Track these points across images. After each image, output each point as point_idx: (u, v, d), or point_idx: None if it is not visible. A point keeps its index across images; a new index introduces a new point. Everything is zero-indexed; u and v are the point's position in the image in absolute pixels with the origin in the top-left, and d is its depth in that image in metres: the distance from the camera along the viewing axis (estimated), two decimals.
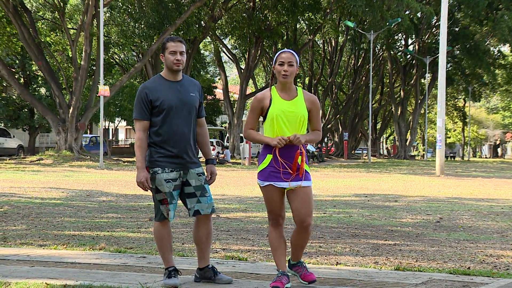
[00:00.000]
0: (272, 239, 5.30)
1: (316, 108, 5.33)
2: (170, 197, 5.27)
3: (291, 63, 5.17)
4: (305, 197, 5.19)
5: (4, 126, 44.54)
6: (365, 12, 38.93)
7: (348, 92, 62.80)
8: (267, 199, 5.28)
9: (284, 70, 5.18)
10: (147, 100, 5.27)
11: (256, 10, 43.78)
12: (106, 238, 8.05)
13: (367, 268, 6.14)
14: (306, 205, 5.19)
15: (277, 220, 5.28)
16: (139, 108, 5.31)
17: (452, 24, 53.79)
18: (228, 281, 5.34)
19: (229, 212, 11.53)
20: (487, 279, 5.65)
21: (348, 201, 14.24)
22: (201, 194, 5.36)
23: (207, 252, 5.47)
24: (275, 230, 5.29)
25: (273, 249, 5.31)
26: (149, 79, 5.51)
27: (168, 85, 5.35)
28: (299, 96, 5.30)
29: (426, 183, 22.15)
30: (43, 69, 35.73)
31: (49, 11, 39.52)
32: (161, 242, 5.36)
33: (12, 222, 9.54)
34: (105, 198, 14.08)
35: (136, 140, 5.34)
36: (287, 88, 5.28)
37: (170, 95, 5.30)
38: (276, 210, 5.26)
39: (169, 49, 5.30)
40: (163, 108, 5.26)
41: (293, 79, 5.32)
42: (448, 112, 74.30)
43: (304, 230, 5.25)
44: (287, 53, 5.22)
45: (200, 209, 5.35)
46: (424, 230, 9.37)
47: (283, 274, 5.21)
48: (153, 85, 5.34)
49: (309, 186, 5.25)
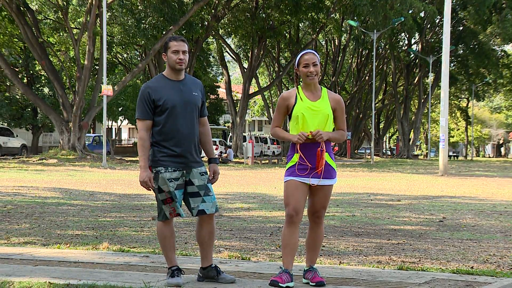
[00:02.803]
0: (284, 236, 5.29)
1: (341, 108, 5.37)
2: (173, 196, 5.28)
3: (315, 63, 5.24)
4: (323, 193, 5.27)
5: (7, 125, 44.60)
6: (368, 12, 38.90)
7: (351, 91, 62.78)
8: (286, 194, 5.28)
9: (310, 71, 5.24)
10: (149, 100, 5.27)
11: (259, 9, 43.77)
12: (109, 237, 8.05)
13: (370, 268, 6.14)
14: (322, 201, 5.28)
15: (292, 216, 5.22)
16: (141, 107, 5.29)
17: (456, 23, 53.77)
18: (231, 280, 5.34)
19: (232, 211, 11.53)
20: (491, 278, 5.64)
21: (351, 201, 14.23)
22: (205, 193, 5.36)
23: (210, 251, 5.46)
24: (288, 227, 5.26)
25: (283, 246, 5.30)
26: (153, 79, 5.49)
27: (171, 85, 5.34)
28: (324, 95, 5.35)
29: (429, 183, 22.12)
30: (47, 69, 35.77)
31: (52, 10, 39.55)
32: (164, 241, 5.36)
33: (15, 222, 9.55)
34: (108, 198, 14.08)
35: (138, 140, 5.33)
36: (312, 88, 5.34)
37: (173, 95, 5.30)
38: (293, 204, 5.20)
39: (171, 48, 5.30)
40: (166, 108, 5.26)
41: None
42: (450, 111, 74.20)
43: (317, 224, 5.32)
44: (309, 54, 5.28)
45: (205, 208, 5.35)
46: (427, 230, 9.36)
47: (285, 271, 5.20)
48: (155, 85, 5.33)
49: (331, 185, 5.29)
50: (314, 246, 5.40)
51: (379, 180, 23.27)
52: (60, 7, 36.39)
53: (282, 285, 5.08)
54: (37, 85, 45.12)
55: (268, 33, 43.78)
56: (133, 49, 47.55)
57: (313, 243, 5.39)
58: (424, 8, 43.68)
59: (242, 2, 43.66)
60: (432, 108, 69.90)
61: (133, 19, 37.00)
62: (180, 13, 35.87)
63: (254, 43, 44.67)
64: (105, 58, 30.81)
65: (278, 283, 5.08)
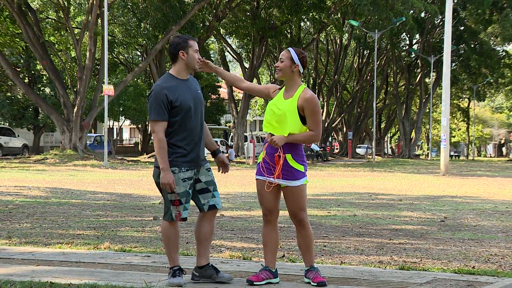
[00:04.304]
0: (262, 235, 5.46)
1: (310, 107, 5.27)
2: (186, 196, 5.26)
3: (282, 59, 5.34)
4: (291, 195, 5.31)
5: (8, 125, 44.62)
6: (370, 12, 38.87)
7: (353, 91, 62.73)
8: (257, 193, 5.44)
9: (275, 66, 5.42)
10: (167, 101, 5.20)
11: (260, 9, 43.76)
12: (111, 237, 8.05)
13: (371, 267, 6.14)
14: (294, 202, 5.31)
15: (266, 215, 5.39)
16: (158, 108, 5.20)
17: (457, 23, 53.71)
18: (229, 279, 5.33)
19: (234, 211, 11.53)
20: (492, 278, 5.64)
21: (352, 200, 14.24)
22: (213, 188, 5.43)
23: (208, 249, 5.47)
24: (265, 227, 5.43)
25: (263, 244, 5.46)
26: (160, 78, 5.44)
27: (182, 84, 5.34)
28: (296, 94, 5.34)
29: (430, 182, 22.12)
30: (48, 69, 35.77)
31: (53, 10, 39.56)
32: (168, 241, 5.35)
33: (17, 221, 9.56)
34: (110, 198, 14.09)
35: (158, 142, 5.20)
36: (288, 86, 5.40)
37: (186, 95, 5.30)
38: (265, 204, 5.37)
39: (193, 47, 5.33)
40: (182, 109, 5.24)
41: (297, 77, 5.36)
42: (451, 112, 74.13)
43: (299, 226, 5.37)
44: (284, 50, 5.42)
45: (215, 203, 5.42)
46: (428, 229, 9.35)
47: (265, 268, 5.33)
48: (170, 85, 5.28)
49: (295, 186, 5.28)
50: (305, 247, 5.44)
51: (381, 180, 23.26)
52: (61, 7, 36.41)
53: (257, 283, 5.21)
54: (38, 85, 45.14)
55: (269, 32, 43.75)
56: (134, 49, 47.53)
57: (303, 244, 5.44)
58: (425, 8, 43.63)
59: (243, 1, 43.64)
60: (433, 108, 69.80)
61: (134, 18, 37.00)
62: (181, 13, 35.87)
63: (255, 42, 44.64)
64: (106, 58, 30.81)
65: (253, 282, 5.22)
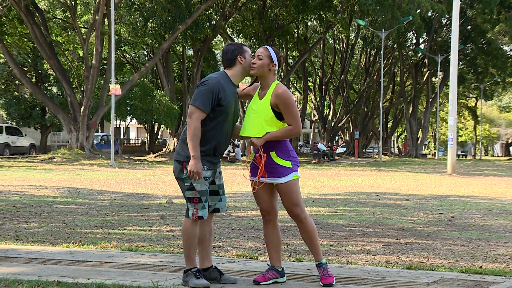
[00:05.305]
0: (264, 235, 5.49)
1: (282, 102, 5.20)
2: (206, 195, 5.23)
3: (259, 56, 5.28)
4: (282, 191, 5.31)
5: (16, 124, 44.75)
6: (376, 11, 38.81)
7: (359, 90, 62.64)
8: (252, 193, 5.46)
9: (252, 62, 5.32)
10: (217, 96, 5.16)
11: (266, 8, 43.75)
12: (118, 236, 8.06)
13: (378, 267, 6.13)
14: (286, 199, 5.30)
15: (264, 215, 5.43)
16: (205, 99, 5.13)
17: (464, 22, 53.56)
18: (234, 281, 5.31)
19: (240, 210, 11.53)
20: (499, 278, 5.62)
21: (359, 200, 14.22)
22: (222, 192, 5.45)
23: (209, 251, 5.46)
24: (266, 226, 5.46)
25: (266, 244, 5.50)
26: (216, 73, 5.37)
27: (232, 88, 5.33)
28: (269, 91, 5.29)
29: (437, 182, 22.07)
30: (55, 68, 35.87)
31: (60, 10, 39.66)
32: (188, 239, 5.25)
33: (24, 221, 9.58)
34: (117, 197, 14.11)
35: (193, 129, 5.10)
36: (263, 84, 5.36)
37: (232, 100, 5.28)
38: (261, 204, 5.40)
39: (248, 52, 5.35)
40: (225, 111, 5.22)
41: (272, 75, 5.32)
42: (458, 111, 73.94)
43: (297, 221, 5.38)
44: (262, 48, 5.35)
45: (220, 207, 5.44)
46: (435, 229, 9.33)
47: (271, 268, 5.36)
48: (225, 83, 5.26)
49: (284, 183, 5.27)
50: (309, 242, 5.45)
51: (387, 179, 23.23)
52: (68, 7, 36.49)
53: (263, 283, 5.24)
54: (45, 85, 45.24)
55: (276, 32, 43.75)
56: (141, 49, 47.58)
57: (306, 240, 5.45)
58: (432, 7, 43.52)
59: (250, 1, 43.65)
60: (440, 107, 69.63)
61: (141, 18, 37.05)
62: (187, 13, 35.89)
63: (262, 42, 44.64)
64: (113, 57, 30.86)
65: (259, 282, 5.24)
